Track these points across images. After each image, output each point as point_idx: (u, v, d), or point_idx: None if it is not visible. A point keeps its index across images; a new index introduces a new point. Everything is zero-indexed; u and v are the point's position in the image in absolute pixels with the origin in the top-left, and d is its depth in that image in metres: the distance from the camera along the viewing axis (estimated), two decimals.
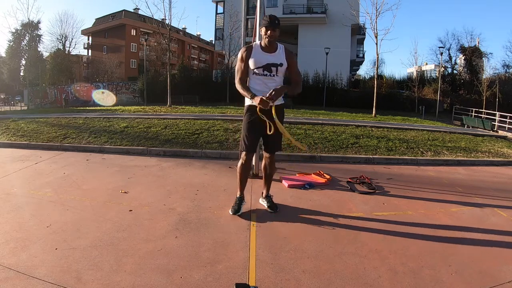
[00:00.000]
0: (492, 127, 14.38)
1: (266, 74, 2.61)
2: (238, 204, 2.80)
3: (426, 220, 2.81)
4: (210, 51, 50.76)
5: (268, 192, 2.98)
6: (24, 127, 6.85)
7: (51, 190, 3.28)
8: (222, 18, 27.15)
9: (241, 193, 2.84)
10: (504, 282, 1.91)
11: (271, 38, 2.53)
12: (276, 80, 2.63)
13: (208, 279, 1.84)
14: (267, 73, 2.60)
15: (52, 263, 1.94)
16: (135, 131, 6.32)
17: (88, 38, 42.43)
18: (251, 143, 2.68)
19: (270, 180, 2.97)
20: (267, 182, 2.96)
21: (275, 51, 2.62)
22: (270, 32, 2.50)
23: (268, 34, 2.51)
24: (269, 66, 2.59)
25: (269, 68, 2.59)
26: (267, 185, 2.97)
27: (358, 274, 1.94)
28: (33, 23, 27.78)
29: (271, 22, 2.49)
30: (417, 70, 27.84)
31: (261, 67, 2.59)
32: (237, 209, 2.77)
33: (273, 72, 2.60)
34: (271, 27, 2.49)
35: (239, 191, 2.83)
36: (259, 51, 2.62)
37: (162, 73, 25.12)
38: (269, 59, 2.60)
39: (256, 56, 2.61)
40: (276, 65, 2.59)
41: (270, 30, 2.50)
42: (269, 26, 2.49)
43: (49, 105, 24.68)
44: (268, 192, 2.98)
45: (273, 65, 2.59)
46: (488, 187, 3.96)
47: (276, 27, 2.50)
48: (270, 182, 2.97)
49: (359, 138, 6.28)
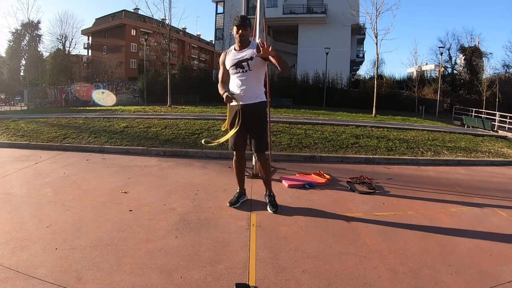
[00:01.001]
0: (492, 127, 14.38)
1: (238, 71, 2.69)
2: (236, 197, 3.00)
3: (426, 220, 2.81)
4: (210, 51, 50.74)
5: (268, 191, 3.00)
6: (24, 127, 6.85)
7: (51, 190, 3.28)
8: (222, 18, 27.13)
9: (240, 187, 3.04)
10: (504, 282, 1.91)
11: (241, 37, 2.65)
12: (249, 75, 2.65)
13: (208, 279, 1.84)
14: (240, 70, 2.67)
15: (52, 263, 1.94)
16: (135, 131, 6.32)
17: (88, 38, 42.45)
18: (232, 141, 2.82)
19: (266, 180, 2.98)
20: (264, 182, 3.01)
21: (246, 48, 2.67)
22: (241, 31, 2.63)
23: (239, 33, 2.63)
24: (239, 63, 2.66)
25: (240, 65, 2.66)
26: (265, 185, 3.01)
27: (358, 274, 1.94)
28: (33, 23, 27.76)
29: (240, 21, 2.62)
30: (417, 70, 27.82)
31: (233, 66, 2.69)
32: (233, 202, 2.96)
33: (245, 67, 2.65)
34: (241, 26, 2.62)
35: (238, 186, 3.04)
36: (232, 52, 2.75)
37: (162, 73, 25.09)
38: (238, 57, 2.68)
39: (229, 57, 2.75)
40: (246, 60, 2.64)
41: (241, 29, 2.62)
42: (239, 25, 2.62)
43: (49, 105, 24.66)
44: (268, 191, 3.00)
45: (243, 60, 2.65)
46: (488, 187, 3.96)
47: (246, 26, 2.63)
48: (266, 182, 2.98)
49: (359, 138, 6.28)
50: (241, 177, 3.03)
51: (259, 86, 2.74)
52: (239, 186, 3.04)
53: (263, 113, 2.82)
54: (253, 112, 2.69)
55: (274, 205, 2.88)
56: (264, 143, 2.83)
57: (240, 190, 3.04)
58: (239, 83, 2.69)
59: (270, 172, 3.02)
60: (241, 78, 2.68)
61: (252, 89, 2.69)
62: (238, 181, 3.02)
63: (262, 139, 2.79)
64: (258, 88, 2.73)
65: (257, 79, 2.73)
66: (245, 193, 3.09)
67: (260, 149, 2.79)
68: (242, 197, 3.03)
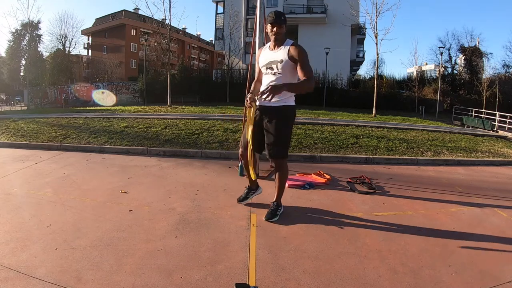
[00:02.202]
0: (492, 127, 14.38)
1: (268, 73, 2.55)
2: (245, 193, 2.99)
3: (426, 220, 2.81)
4: (210, 51, 50.80)
5: (276, 199, 2.77)
6: (24, 127, 6.85)
7: (51, 190, 3.28)
8: (222, 18, 27.14)
9: (250, 183, 2.97)
10: (504, 282, 1.91)
11: (276, 35, 2.47)
12: (278, 78, 2.49)
13: (208, 279, 1.84)
14: (269, 71, 2.54)
15: (52, 263, 1.94)
16: (135, 131, 6.32)
17: (88, 38, 42.45)
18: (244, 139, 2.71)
19: (278, 186, 2.72)
20: (276, 188, 2.75)
21: (280, 47, 2.51)
22: (276, 29, 2.46)
23: (274, 31, 2.46)
24: (270, 64, 2.53)
25: (270, 66, 2.53)
26: (276, 191, 2.76)
27: (358, 274, 1.94)
28: (33, 23, 27.74)
29: (275, 19, 2.43)
30: (417, 70, 27.82)
31: (264, 65, 2.57)
32: (241, 199, 2.99)
33: (274, 69, 2.51)
34: (276, 24, 2.44)
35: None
36: (266, 50, 2.62)
37: (162, 73, 25.08)
38: (270, 57, 2.54)
39: (262, 55, 2.62)
40: (276, 62, 2.49)
41: (276, 27, 2.45)
42: (274, 23, 2.44)
43: (49, 105, 24.67)
44: (276, 199, 2.77)
45: (273, 62, 2.50)
46: (488, 187, 3.96)
47: (281, 23, 2.44)
48: (278, 188, 2.73)
49: (359, 138, 6.28)
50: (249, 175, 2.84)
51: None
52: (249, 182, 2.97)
53: (283, 117, 2.56)
54: (271, 115, 2.55)
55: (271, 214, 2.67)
56: (277, 149, 2.57)
57: (249, 185, 2.98)
58: (267, 84, 2.51)
59: (283, 182, 2.73)
60: (270, 79, 2.53)
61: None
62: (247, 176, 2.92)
63: (274, 145, 2.56)
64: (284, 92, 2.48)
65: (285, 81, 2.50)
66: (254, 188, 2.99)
67: (270, 154, 2.60)
68: (251, 193, 2.98)
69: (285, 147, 2.64)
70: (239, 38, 24.82)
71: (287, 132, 2.63)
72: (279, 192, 2.75)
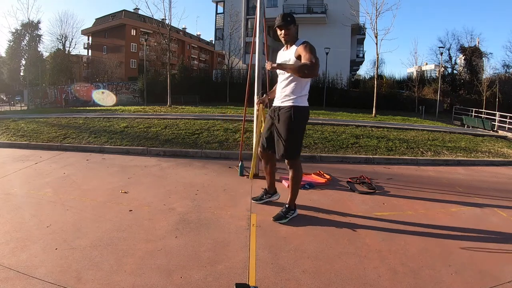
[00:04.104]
0: (492, 127, 14.38)
1: (280, 73, 2.64)
2: (261, 195, 3.08)
3: (426, 220, 2.81)
4: (210, 51, 50.80)
5: (288, 201, 2.71)
6: (24, 127, 6.85)
7: (51, 190, 3.28)
8: (222, 18, 27.14)
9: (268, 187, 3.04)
10: (504, 282, 1.91)
11: (285, 37, 2.56)
12: (288, 77, 2.56)
13: (208, 279, 1.84)
14: (281, 71, 2.61)
15: (52, 263, 1.94)
16: (135, 131, 6.32)
17: (88, 38, 42.45)
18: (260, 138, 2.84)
19: (290, 188, 2.69)
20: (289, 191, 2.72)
21: (291, 47, 2.57)
22: (283, 32, 2.55)
23: (282, 34, 2.56)
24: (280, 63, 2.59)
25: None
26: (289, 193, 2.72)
27: (358, 274, 1.94)
28: (33, 23, 27.77)
29: (281, 21, 2.53)
30: (417, 70, 27.83)
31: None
32: (257, 198, 3.06)
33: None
34: (282, 27, 2.54)
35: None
36: (281, 51, 2.71)
37: (162, 73, 25.08)
38: (282, 57, 2.65)
39: (278, 56, 2.73)
40: (285, 62, 2.57)
41: (282, 30, 2.55)
42: (279, 26, 2.54)
43: (49, 105, 24.68)
44: (288, 201, 2.71)
45: (283, 62, 2.58)
46: (488, 187, 3.96)
47: (287, 25, 2.52)
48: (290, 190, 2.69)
49: (359, 138, 6.28)
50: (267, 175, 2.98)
51: (295, 89, 2.55)
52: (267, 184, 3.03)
53: (289, 117, 2.55)
54: (278, 115, 2.61)
55: (279, 217, 2.64)
56: (285, 149, 2.56)
57: (267, 187, 3.05)
58: (279, 84, 2.66)
59: (295, 184, 2.66)
60: (281, 79, 2.64)
61: (285, 91, 2.59)
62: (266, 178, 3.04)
63: (281, 145, 2.57)
64: (292, 91, 2.55)
65: (296, 83, 2.54)
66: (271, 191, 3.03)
67: (279, 153, 2.61)
68: (267, 195, 3.03)
69: (293, 147, 2.60)
70: (239, 38, 24.82)
71: (295, 133, 2.60)
72: (291, 195, 2.69)
